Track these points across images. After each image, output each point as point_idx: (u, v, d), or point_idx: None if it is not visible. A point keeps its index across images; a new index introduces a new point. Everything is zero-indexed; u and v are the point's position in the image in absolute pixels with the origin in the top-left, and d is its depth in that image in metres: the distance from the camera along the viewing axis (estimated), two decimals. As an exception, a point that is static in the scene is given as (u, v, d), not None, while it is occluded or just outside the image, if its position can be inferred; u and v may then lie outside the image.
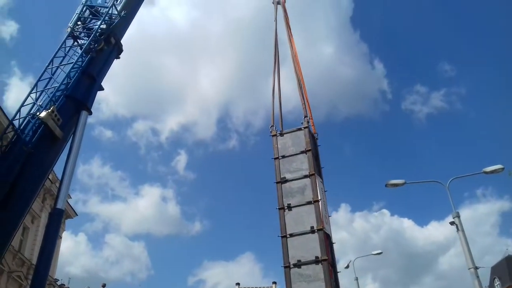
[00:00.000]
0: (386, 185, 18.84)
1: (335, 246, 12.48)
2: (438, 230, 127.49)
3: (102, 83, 18.17)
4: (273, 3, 19.88)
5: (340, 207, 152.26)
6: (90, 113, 17.70)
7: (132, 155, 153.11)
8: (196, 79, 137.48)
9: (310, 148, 13.12)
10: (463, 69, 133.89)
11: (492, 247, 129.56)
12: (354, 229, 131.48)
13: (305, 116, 13.99)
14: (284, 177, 12.75)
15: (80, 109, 16.90)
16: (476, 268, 16.47)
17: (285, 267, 11.34)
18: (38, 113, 15.03)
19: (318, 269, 11.10)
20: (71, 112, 16.57)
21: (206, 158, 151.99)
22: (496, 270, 58.47)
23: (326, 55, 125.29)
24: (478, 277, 16.36)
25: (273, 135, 13.66)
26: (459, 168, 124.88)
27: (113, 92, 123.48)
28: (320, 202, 12.04)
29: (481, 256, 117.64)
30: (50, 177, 26.78)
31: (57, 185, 26.10)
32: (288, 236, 11.67)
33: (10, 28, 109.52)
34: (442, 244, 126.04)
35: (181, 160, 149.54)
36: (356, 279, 28.02)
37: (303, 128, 13.67)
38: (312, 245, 11.41)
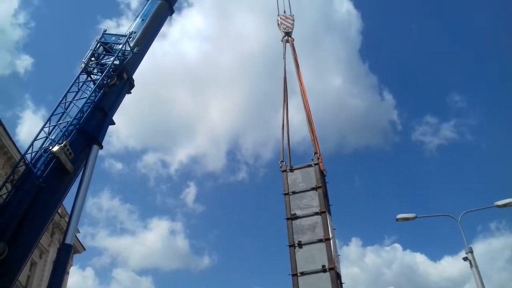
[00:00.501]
0: (396, 220, 18.64)
1: (346, 283, 12.27)
2: (452, 265, 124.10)
3: (113, 117, 18.47)
4: (281, 41, 20.29)
5: (351, 241, 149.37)
6: (101, 147, 17.85)
7: (141, 188, 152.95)
8: (206, 111, 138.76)
9: (320, 185, 13.09)
10: (473, 99, 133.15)
11: (508, 283, 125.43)
12: (365, 264, 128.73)
13: (315, 153, 14.03)
14: (295, 214, 12.65)
15: (91, 143, 17.06)
16: None
17: (295, 308, 11.12)
18: (50, 147, 15.20)
19: (330, 310, 10.91)
20: (82, 146, 16.72)
21: (215, 190, 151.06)
22: None
23: (335, 87, 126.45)
24: None
25: (283, 171, 13.66)
26: (472, 200, 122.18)
27: (124, 124, 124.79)
28: (331, 241, 11.92)
29: None
30: (59, 211, 26.84)
31: (66, 219, 26.13)
32: (299, 274, 11.50)
33: (24, 62, 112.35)
34: (456, 279, 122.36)
35: (190, 192, 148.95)
36: None
37: (313, 165, 13.68)
38: (323, 285, 11.17)
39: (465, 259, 17.33)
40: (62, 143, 15.29)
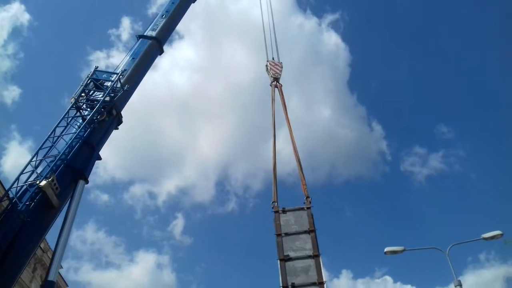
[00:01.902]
0: (385, 253, 18.67)
1: None
2: None
3: (100, 151, 18.49)
4: (270, 85, 21.00)
5: (342, 273, 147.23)
6: (87, 182, 17.75)
7: (127, 220, 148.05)
8: (196, 142, 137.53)
9: (313, 229, 13.45)
10: (460, 131, 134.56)
11: None
12: None
13: (307, 197, 14.46)
14: (288, 255, 12.90)
15: (78, 178, 16.97)
16: None
17: None
18: (37, 182, 15.04)
19: None
20: (68, 181, 16.59)
21: (204, 221, 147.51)
22: None
23: (324, 117, 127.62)
24: None
25: (275, 211, 13.97)
26: (461, 231, 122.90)
27: (111, 155, 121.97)
28: (325, 285, 12.21)
29: None
30: (42, 246, 26.16)
31: (49, 254, 25.50)
32: (293, 317, 11.67)
33: (12, 93, 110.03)
34: None
35: (178, 224, 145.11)
36: None
37: (305, 209, 14.08)
38: None
39: None
40: (50, 178, 15.19)
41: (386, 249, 18.84)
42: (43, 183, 14.92)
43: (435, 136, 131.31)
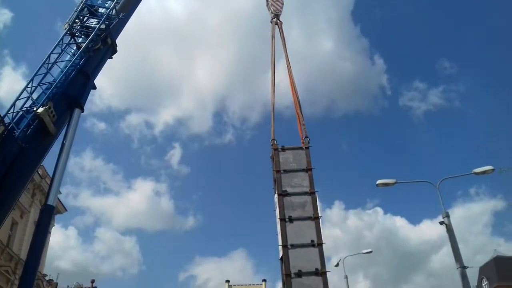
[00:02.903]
0: (377, 185, 18.72)
1: (328, 244, 13.19)
2: (431, 229, 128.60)
3: (95, 80, 18.35)
4: (271, 22, 20.58)
5: (334, 204, 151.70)
6: (83, 110, 17.77)
7: (125, 148, 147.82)
8: (193, 72, 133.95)
9: (311, 168, 13.98)
10: (463, 66, 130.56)
11: (484, 247, 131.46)
12: (347, 227, 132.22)
13: (306, 137, 14.82)
14: (286, 190, 13.49)
15: (74, 107, 16.97)
16: (464, 267, 16.42)
17: (286, 275, 12.08)
18: (35, 109, 15.01)
19: (318, 280, 11.97)
20: (64, 108, 16.61)
21: (201, 152, 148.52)
22: (484, 270, 58.54)
23: (325, 50, 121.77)
24: (466, 276, 16.38)
25: (274, 149, 14.36)
26: (456, 166, 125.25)
27: (108, 84, 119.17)
28: (320, 219, 12.92)
29: (473, 255, 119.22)
30: (40, 172, 26.43)
31: (47, 180, 25.89)
32: (289, 246, 12.42)
33: (4, 17, 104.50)
34: (435, 242, 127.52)
35: (175, 154, 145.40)
36: (346, 277, 28.54)
37: (304, 148, 14.50)
38: (313, 258, 12.23)
39: (441, 223, 17.51)
40: (47, 105, 15.14)
41: (378, 182, 18.85)
42: (41, 110, 14.92)
43: (437, 71, 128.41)
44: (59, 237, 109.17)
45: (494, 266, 57.64)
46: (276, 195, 13.44)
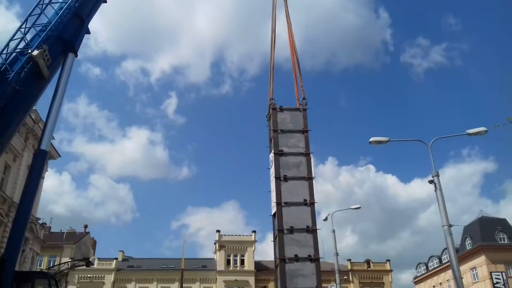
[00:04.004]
0: (370, 142, 18.48)
1: (319, 199, 13.97)
2: (421, 188, 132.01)
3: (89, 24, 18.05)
4: None
5: (328, 160, 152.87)
6: (76, 55, 17.54)
7: (120, 95, 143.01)
8: (192, 19, 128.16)
9: (307, 129, 14.50)
10: (468, 24, 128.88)
11: (471, 207, 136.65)
12: (339, 183, 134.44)
13: (304, 99, 15.20)
14: (282, 150, 14.04)
15: (67, 51, 16.78)
16: (449, 226, 16.76)
17: (279, 230, 12.87)
18: (29, 51, 14.82)
19: (309, 237, 12.86)
20: (58, 52, 16.46)
21: (197, 102, 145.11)
22: (468, 230, 59.86)
23: (329, 0, 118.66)
24: (451, 234, 16.78)
25: (273, 108, 14.71)
26: (450, 126, 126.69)
27: (103, 28, 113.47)
28: (313, 180, 13.66)
29: (460, 215, 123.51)
30: (33, 116, 26.13)
31: (40, 125, 25.80)
32: (283, 204, 13.16)
33: None
34: (423, 201, 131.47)
35: (171, 103, 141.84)
36: (333, 231, 29.61)
37: (301, 110, 14.92)
38: (305, 216, 13.06)
39: (431, 182, 17.68)
40: (42, 48, 14.94)
41: (371, 139, 18.62)
42: (35, 52, 14.77)
43: (441, 27, 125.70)
44: (53, 182, 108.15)
45: (478, 226, 59.28)
46: (272, 154, 13.98)
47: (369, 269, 59.46)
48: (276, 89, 15.34)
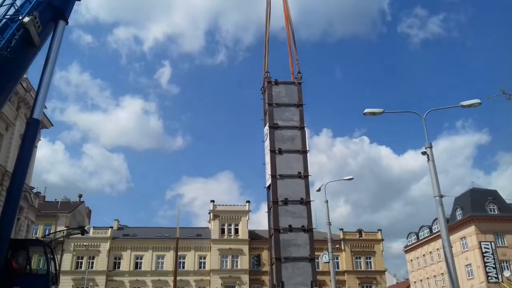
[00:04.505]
0: (364, 114, 18.43)
1: (313, 170, 13.93)
2: (414, 159, 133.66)
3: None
4: None
5: (322, 131, 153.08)
6: (67, 22, 17.21)
7: (112, 64, 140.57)
8: None
9: (302, 103, 14.41)
10: None
11: (464, 178, 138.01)
12: (333, 154, 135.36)
13: (299, 72, 15.05)
14: (277, 123, 14.00)
15: (58, 18, 16.46)
16: (441, 196, 16.86)
17: (273, 202, 13.01)
18: (20, 17, 14.53)
19: (302, 208, 13.03)
20: (48, 20, 16.18)
21: (191, 72, 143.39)
22: (459, 201, 60.43)
23: None
24: (442, 205, 16.93)
25: (268, 82, 14.57)
26: (445, 98, 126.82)
27: None
28: (308, 154, 13.68)
29: (452, 186, 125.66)
30: (24, 85, 25.79)
31: (32, 94, 25.53)
32: (278, 177, 13.23)
33: None
34: (416, 172, 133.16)
35: (165, 72, 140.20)
36: (326, 202, 29.92)
37: (296, 83, 14.80)
38: (298, 188, 13.17)
39: (423, 153, 17.71)
40: (32, 15, 14.64)
41: (365, 110, 18.54)
42: (26, 19, 14.50)
43: None
44: (46, 151, 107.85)
45: (469, 197, 60.05)
46: (266, 127, 13.95)
47: (361, 238, 60.54)
48: (271, 61, 15.22)
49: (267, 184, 13.63)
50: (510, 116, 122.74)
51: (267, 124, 14.08)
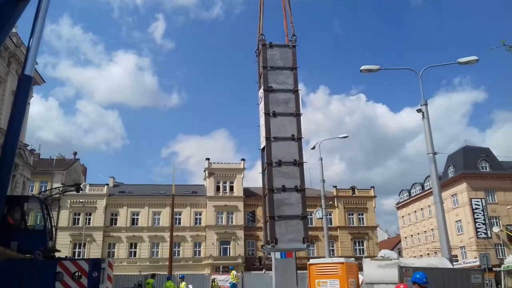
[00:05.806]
0: (361, 71, 18.58)
1: (309, 128, 13.91)
2: (410, 117, 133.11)
3: None
4: None
5: (319, 89, 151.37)
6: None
7: (104, 17, 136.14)
8: None
9: (296, 67, 14.41)
10: None
11: (459, 136, 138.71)
12: (330, 112, 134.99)
13: (293, 35, 14.88)
14: (271, 87, 13.98)
15: (46, -36, 15.92)
16: (434, 153, 17.29)
17: (268, 163, 13.29)
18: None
19: (295, 169, 13.32)
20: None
21: (186, 26, 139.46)
22: (452, 158, 61.91)
23: None
24: (435, 162, 17.38)
25: (262, 45, 14.42)
26: (448, 53, 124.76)
27: None
28: (301, 116, 13.82)
29: (447, 143, 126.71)
30: (14, 40, 25.31)
31: (22, 49, 24.99)
32: (272, 139, 13.41)
33: None
34: (412, 130, 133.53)
35: (159, 26, 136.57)
36: (321, 159, 30.49)
37: (291, 46, 14.68)
38: (292, 150, 13.37)
39: (419, 111, 18.06)
40: (22, -39, 14.18)
41: (362, 67, 18.70)
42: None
43: None
44: (40, 108, 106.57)
45: (462, 155, 61.32)
46: (261, 90, 13.96)
47: (354, 195, 61.84)
48: (267, 20, 15.02)
49: (262, 146, 13.85)
50: (507, 72, 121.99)
51: (262, 87, 14.10)
